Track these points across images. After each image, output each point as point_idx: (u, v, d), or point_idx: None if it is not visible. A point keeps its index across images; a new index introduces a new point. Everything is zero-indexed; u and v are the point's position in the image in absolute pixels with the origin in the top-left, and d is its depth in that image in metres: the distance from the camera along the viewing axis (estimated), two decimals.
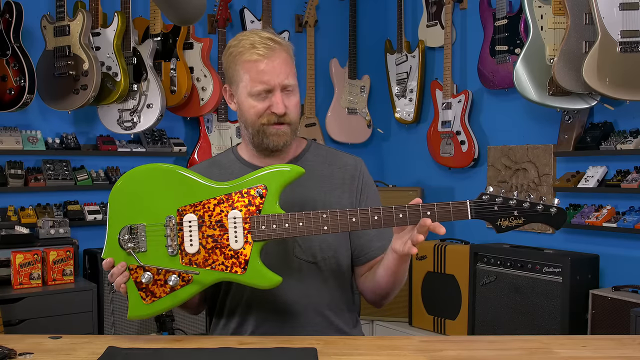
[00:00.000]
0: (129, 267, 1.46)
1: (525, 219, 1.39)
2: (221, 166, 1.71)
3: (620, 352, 1.39)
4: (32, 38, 3.40)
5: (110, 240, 1.48)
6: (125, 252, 1.46)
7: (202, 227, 1.45)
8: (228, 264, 1.44)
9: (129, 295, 1.46)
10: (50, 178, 3.38)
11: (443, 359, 1.33)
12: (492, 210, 1.39)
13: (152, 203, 1.48)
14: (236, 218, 1.45)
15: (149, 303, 1.45)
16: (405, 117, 4.34)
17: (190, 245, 1.45)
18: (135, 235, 1.46)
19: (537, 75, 3.14)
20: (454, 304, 3.56)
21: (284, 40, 1.61)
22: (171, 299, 1.45)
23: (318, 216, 1.42)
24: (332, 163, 1.70)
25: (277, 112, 1.55)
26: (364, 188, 1.70)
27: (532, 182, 3.43)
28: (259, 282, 1.44)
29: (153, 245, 1.46)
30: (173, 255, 1.45)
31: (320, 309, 1.61)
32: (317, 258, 1.60)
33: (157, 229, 1.47)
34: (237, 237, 1.44)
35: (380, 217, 1.41)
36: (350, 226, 1.42)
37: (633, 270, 3.05)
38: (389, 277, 1.55)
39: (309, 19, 4.24)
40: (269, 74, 1.54)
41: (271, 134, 1.58)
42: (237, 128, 3.96)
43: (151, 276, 1.44)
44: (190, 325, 3.39)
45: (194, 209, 1.46)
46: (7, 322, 2.82)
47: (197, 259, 1.45)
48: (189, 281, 1.44)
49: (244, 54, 1.57)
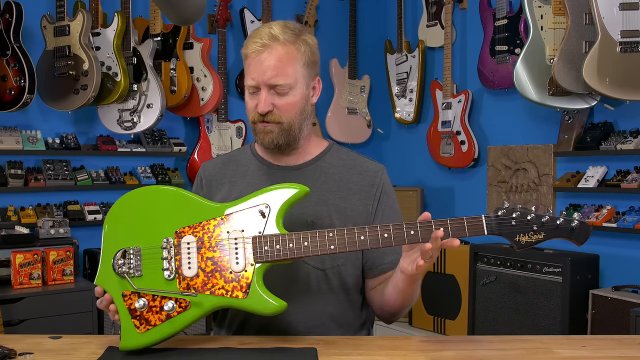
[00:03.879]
0: (123, 293, 1.37)
1: (545, 234, 1.29)
2: (237, 163, 1.66)
3: (620, 352, 1.38)
4: (32, 38, 3.40)
5: (104, 265, 1.39)
6: (119, 277, 1.37)
7: (201, 249, 1.37)
8: (228, 288, 1.35)
9: (121, 324, 1.37)
10: (50, 178, 3.38)
11: (443, 359, 1.33)
12: (509, 225, 1.30)
13: (148, 225, 1.40)
14: (237, 239, 1.36)
15: (143, 332, 1.35)
16: (405, 117, 4.34)
17: (189, 268, 1.36)
18: (131, 259, 1.38)
19: (537, 75, 3.14)
20: (454, 304, 3.56)
21: (296, 35, 1.51)
22: (167, 327, 1.35)
23: (324, 235, 1.34)
24: (352, 167, 1.62)
25: (259, 110, 1.49)
26: (382, 197, 1.60)
27: (532, 182, 3.43)
28: (261, 308, 1.34)
29: (149, 269, 1.37)
30: (170, 279, 1.36)
31: (325, 320, 1.54)
32: (326, 265, 1.53)
33: (153, 251, 1.38)
34: (238, 259, 1.35)
35: (391, 235, 1.33)
36: (359, 245, 1.33)
37: (633, 270, 3.05)
38: (397, 295, 1.48)
39: (309, 19, 4.24)
40: (256, 71, 1.48)
41: (259, 132, 1.53)
42: (237, 128, 3.96)
43: (146, 302, 1.34)
44: (190, 326, 3.39)
45: (192, 231, 1.38)
46: (7, 322, 2.82)
47: (195, 283, 1.36)
48: (187, 307, 1.35)
49: (245, 46, 1.52)
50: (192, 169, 3.85)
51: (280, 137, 1.53)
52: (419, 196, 4.16)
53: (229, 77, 3.96)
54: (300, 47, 1.51)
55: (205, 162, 1.75)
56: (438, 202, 4.15)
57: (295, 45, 1.50)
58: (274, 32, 1.49)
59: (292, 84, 1.50)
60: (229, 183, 1.63)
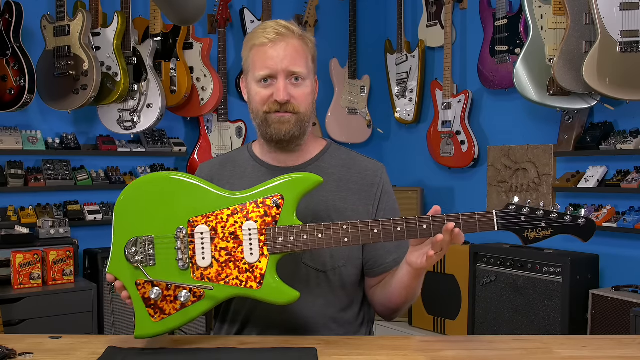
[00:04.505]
0: (136, 282, 1.36)
1: (553, 230, 1.32)
2: (235, 164, 1.64)
3: (620, 352, 1.38)
4: (32, 38, 3.40)
5: (116, 253, 1.38)
6: (133, 266, 1.36)
7: (214, 239, 1.36)
8: (242, 279, 1.35)
9: (135, 313, 1.37)
10: (50, 178, 3.38)
11: (443, 359, 1.33)
12: (519, 221, 1.32)
13: (160, 214, 1.38)
14: (251, 229, 1.36)
15: (157, 321, 1.35)
16: (405, 117, 4.34)
17: (203, 258, 1.36)
18: (143, 248, 1.37)
19: (537, 75, 3.14)
20: (454, 304, 3.56)
21: (303, 31, 1.54)
22: (181, 316, 1.36)
23: (338, 227, 1.34)
24: (351, 167, 1.61)
25: (278, 99, 1.47)
26: (382, 197, 1.60)
27: (532, 182, 3.43)
28: (275, 298, 1.35)
29: (162, 259, 1.37)
30: (184, 269, 1.36)
31: (326, 321, 1.54)
32: (327, 267, 1.52)
33: (166, 241, 1.37)
34: (252, 250, 1.35)
35: (404, 229, 1.33)
36: (372, 238, 1.34)
37: (633, 270, 3.05)
38: (402, 290, 1.48)
39: (309, 19, 4.25)
40: (273, 59, 1.47)
41: (274, 122, 1.50)
42: (237, 128, 3.96)
43: (160, 292, 1.34)
44: (190, 325, 3.38)
45: (206, 220, 1.37)
46: (7, 322, 2.82)
47: (209, 274, 1.36)
48: (201, 297, 1.36)
49: (254, 39, 1.51)
50: (192, 169, 3.85)
51: (296, 127, 1.51)
52: (419, 196, 4.17)
53: (229, 77, 3.96)
54: (308, 42, 1.54)
55: (202, 163, 1.74)
56: (438, 202, 4.15)
57: (304, 40, 1.54)
58: (285, 24, 1.51)
59: (306, 74, 1.52)
60: (227, 185, 1.61)
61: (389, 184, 1.64)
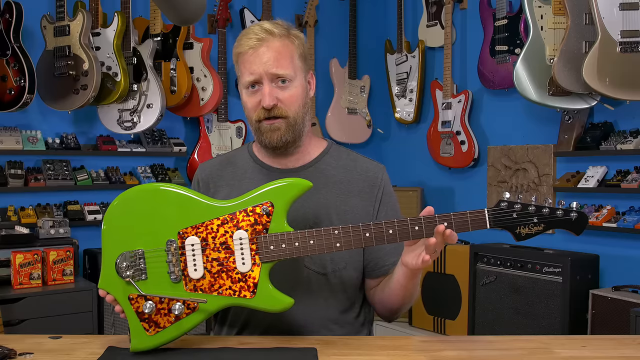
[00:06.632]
0: (129, 296, 1.35)
1: (545, 225, 1.31)
2: (235, 165, 1.64)
3: (620, 352, 1.38)
4: (32, 38, 3.40)
5: (107, 268, 1.36)
6: (124, 281, 1.35)
7: (205, 250, 1.35)
8: (236, 288, 1.35)
9: (130, 327, 1.35)
10: (50, 178, 3.38)
11: (443, 359, 1.33)
12: (510, 218, 1.32)
13: (150, 226, 1.37)
14: (242, 239, 1.35)
15: (152, 334, 1.35)
16: (405, 117, 4.34)
17: (195, 270, 1.35)
18: (134, 263, 1.35)
19: (537, 75, 3.14)
20: (454, 304, 3.56)
21: (287, 30, 1.52)
22: (176, 328, 1.35)
23: (330, 233, 1.33)
24: (352, 168, 1.60)
25: (264, 104, 1.46)
26: (383, 198, 1.59)
27: (532, 182, 3.43)
28: (270, 306, 1.35)
29: (154, 272, 1.36)
30: (176, 281, 1.35)
31: (327, 323, 1.53)
32: (328, 270, 1.52)
33: (157, 254, 1.36)
34: (244, 259, 1.35)
35: (395, 231, 1.33)
36: (364, 242, 1.34)
37: (633, 270, 3.05)
38: (399, 291, 1.49)
39: (309, 19, 4.25)
40: (255, 63, 1.46)
41: (265, 131, 1.50)
42: (237, 128, 3.96)
43: (154, 305, 1.34)
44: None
45: (196, 231, 1.36)
46: (7, 322, 2.82)
47: (202, 285, 1.35)
48: (195, 309, 1.35)
49: (238, 47, 1.51)
50: (192, 169, 3.85)
51: (288, 133, 1.50)
52: (419, 196, 4.17)
53: (229, 77, 3.96)
54: (293, 40, 1.52)
55: (202, 163, 1.73)
56: (438, 202, 4.15)
57: (289, 39, 1.51)
58: (266, 27, 1.50)
59: (292, 75, 1.50)
60: (227, 186, 1.61)
61: (390, 185, 1.64)
